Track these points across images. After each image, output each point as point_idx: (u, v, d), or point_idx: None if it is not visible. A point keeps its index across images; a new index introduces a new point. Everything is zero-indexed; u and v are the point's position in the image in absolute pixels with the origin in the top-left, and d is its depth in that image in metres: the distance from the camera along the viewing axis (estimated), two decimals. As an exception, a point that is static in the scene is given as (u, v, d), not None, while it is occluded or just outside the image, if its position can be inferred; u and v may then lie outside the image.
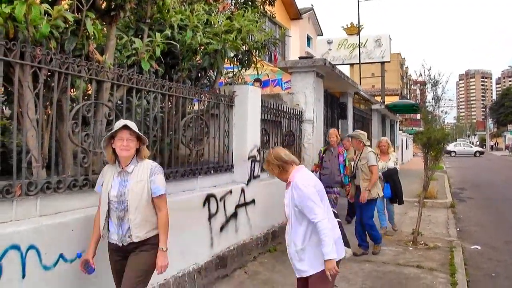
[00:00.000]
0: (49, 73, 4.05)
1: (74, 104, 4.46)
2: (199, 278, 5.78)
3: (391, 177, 9.60)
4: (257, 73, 8.04)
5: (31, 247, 3.48)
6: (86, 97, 4.82)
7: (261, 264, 7.12)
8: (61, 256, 3.76)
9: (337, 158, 8.52)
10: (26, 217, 3.66)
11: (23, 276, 3.40)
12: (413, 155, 47.66)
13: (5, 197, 3.45)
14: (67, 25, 4.16)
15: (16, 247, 3.35)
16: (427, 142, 9.05)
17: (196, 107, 6.59)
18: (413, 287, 6.27)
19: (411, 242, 8.66)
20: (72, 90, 4.57)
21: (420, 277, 6.65)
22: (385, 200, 9.75)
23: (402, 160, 37.01)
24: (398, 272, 6.88)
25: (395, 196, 9.74)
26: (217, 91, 6.75)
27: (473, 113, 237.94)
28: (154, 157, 5.27)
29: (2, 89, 3.69)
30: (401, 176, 10.17)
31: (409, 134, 45.29)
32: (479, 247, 8.91)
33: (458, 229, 10.65)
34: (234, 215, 6.83)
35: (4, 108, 4.66)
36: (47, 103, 4.31)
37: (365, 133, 8.55)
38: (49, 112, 4.20)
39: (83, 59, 4.27)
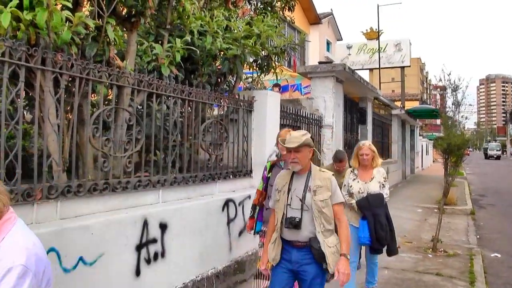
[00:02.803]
0: (70, 79, 4.09)
1: (95, 109, 4.52)
2: (218, 282, 5.79)
3: (370, 210, 5.68)
4: (276, 78, 8.03)
5: (51, 249, 3.51)
6: (106, 102, 4.88)
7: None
8: (81, 259, 3.79)
9: None
10: (47, 220, 3.70)
11: (43, 278, 3.44)
12: (433, 161, 47.31)
13: (26, 200, 3.50)
14: (88, 31, 4.22)
15: (36, 250, 3.39)
16: (447, 148, 8.97)
17: (215, 112, 6.61)
18: (433, 295, 6.21)
19: (431, 249, 8.58)
20: (93, 95, 4.61)
21: (440, 285, 6.58)
22: (363, 248, 6.16)
23: (422, 166, 36.74)
24: (417, 280, 6.81)
25: (379, 242, 5.70)
26: (236, 96, 6.77)
27: (493, 119, 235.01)
28: (173, 162, 5.31)
29: (24, 94, 3.75)
30: (421, 182, 9.94)
31: (429, 139, 44.96)
32: (499, 255, 8.79)
33: (478, 236, 10.52)
34: (253, 220, 6.79)
35: (25, 113, 4.74)
36: (68, 108, 4.37)
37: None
38: (70, 117, 4.26)
39: (104, 65, 4.31)
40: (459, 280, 6.83)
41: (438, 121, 50.64)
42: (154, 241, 4.71)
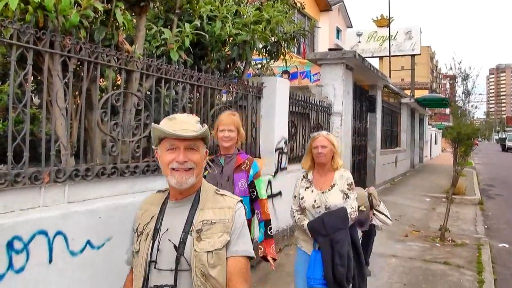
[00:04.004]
0: (79, 63, 4.08)
1: (103, 93, 4.50)
2: (225, 268, 5.77)
3: (326, 236, 3.92)
4: (286, 65, 7.98)
5: (59, 233, 3.51)
6: (115, 87, 4.86)
7: (287, 256, 7.09)
8: (88, 242, 3.80)
9: (233, 180, 4.17)
10: (54, 203, 3.70)
11: (50, 261, 3.45)
12: (442, 150, 47.14)
13: (34, 183, 3.50)
14: (97, 15, 4.18)
15: (43, 233, 3.39)
16: (457, 137, 8.92)
17: (224, 98, 6.58)
18: (439, 284, 6.19)
19: (439, 238, 8.56)
20: (101, 80, 4.60)
21: (447, 274, 6.57)
22: None
23: (430, 155, 36.54)
24: (424, 268, 6.80)
25: (337, 284, 3.82)
26: (246, 82, 6.73)
27: (503, 108, 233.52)
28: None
29: (32, 78, 3.74)
30: (429, 171, 9.92)
31: (438, 128, 44.76)
32: (507, 245, 8.76)
33: (486, 226, 10.49)
34: (260, 207, 6.78)
35: (33, 96, 4.73)
36: (76, 92, 4.36)
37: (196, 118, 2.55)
38: (78, 101, 4.25)
39: (113, 49, 4.29)
40: (466, 269, 6.81)
41: (447, 111, 50.47)
42: (161, 226, 4.71)
